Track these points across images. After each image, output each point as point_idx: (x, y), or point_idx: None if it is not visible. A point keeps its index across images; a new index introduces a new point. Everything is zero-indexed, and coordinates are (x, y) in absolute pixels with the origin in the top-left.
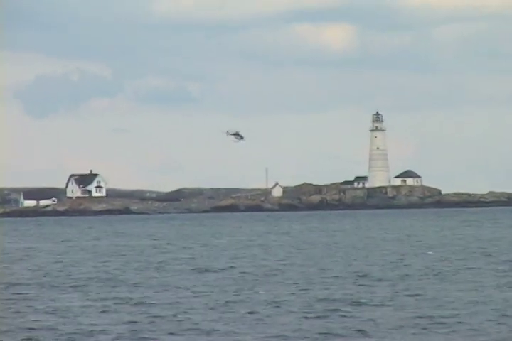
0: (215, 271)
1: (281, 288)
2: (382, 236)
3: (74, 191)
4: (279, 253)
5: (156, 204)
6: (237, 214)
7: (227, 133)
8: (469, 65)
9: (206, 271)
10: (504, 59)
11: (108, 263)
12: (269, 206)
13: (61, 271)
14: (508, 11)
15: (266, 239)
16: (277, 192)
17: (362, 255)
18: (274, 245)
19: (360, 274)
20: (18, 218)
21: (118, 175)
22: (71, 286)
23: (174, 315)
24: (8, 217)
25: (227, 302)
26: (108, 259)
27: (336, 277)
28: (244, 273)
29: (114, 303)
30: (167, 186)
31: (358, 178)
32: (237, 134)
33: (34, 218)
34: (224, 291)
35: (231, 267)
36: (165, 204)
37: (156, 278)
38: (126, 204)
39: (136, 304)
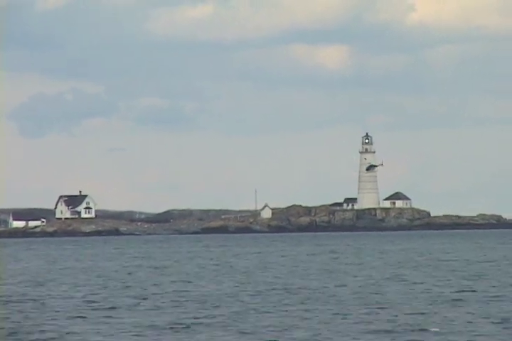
0: None
1: None
2: None
3: (63, 212)
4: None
5: (146, 225)
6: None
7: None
8: (463, 86)
9: None
10: (498, 80)
11: None
12: (258, 228)
13: None
14: (504, 32)
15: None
16: (266, 214)
17: None
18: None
19: None
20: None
21: (107, 196)
22: None
23: None
24: None
25: None
26: None
27: None
28: None
29: None
30: (156, 207)
31: (348, 200)
32: (371, 167)
33: (26, 239)
34: None
35: None
36: (154, 225)
37: None
38: (115, 226)
39: None
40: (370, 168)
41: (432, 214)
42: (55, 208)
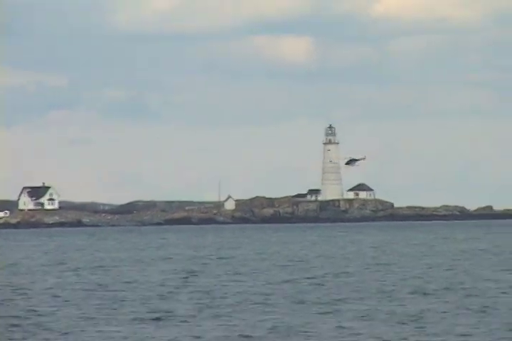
0: None
1: None
2: None
3: (26, 203)
4: None
5: (109, 216)
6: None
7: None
8: (426, 77)
9: None
10: (462, 72)
11: None
12: (221, 219)
13: None
14: (468, 24)
15: None
16: (230, 205)
17: None
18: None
19: None
20: None
21: (71, 188)
22: None
23: None
24: None
25: None
26: None
27: None
28: None
29: None
30: (120, 199)
31: (311, 191)
32: (352, 161)
33: None
34: None
35: None
36: (117, 216)
37: None
38: (78, 217)
39: None
40: (351, 162)
41: (395, 206)
42: (18, 199)
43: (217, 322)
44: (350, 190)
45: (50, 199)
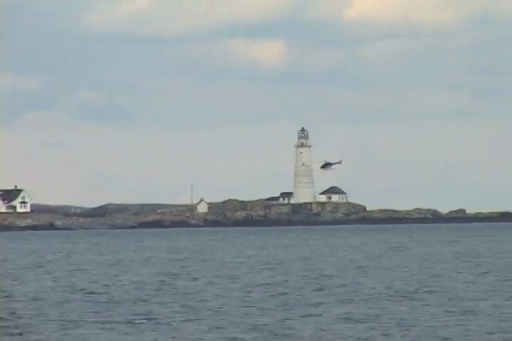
0: None
1: None
2: None
3: None
4: None
5: (81, 219)
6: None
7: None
8: (400, 81)
9: None
10: (435, 75)
11: None
12: (194, 222)
13: None
14: (441, 28)
15: None
16: (202, 208)
17: None
18: None
19: None
20: None
21: (43, 191)
22: None
23: None
24: None
25: None
26: None
27: None
28: None
29: None
30: (92, 202)
31: (284, 194)
32: (327, 165)
33: None
34: None
35: None
36: (90, 219)
37: None
38: (50, 220)
39: None
40: (326, 165)
41: (367, 209)
42: None
43: (196, 325)
44: (323, 193)
45: (23, 202)
